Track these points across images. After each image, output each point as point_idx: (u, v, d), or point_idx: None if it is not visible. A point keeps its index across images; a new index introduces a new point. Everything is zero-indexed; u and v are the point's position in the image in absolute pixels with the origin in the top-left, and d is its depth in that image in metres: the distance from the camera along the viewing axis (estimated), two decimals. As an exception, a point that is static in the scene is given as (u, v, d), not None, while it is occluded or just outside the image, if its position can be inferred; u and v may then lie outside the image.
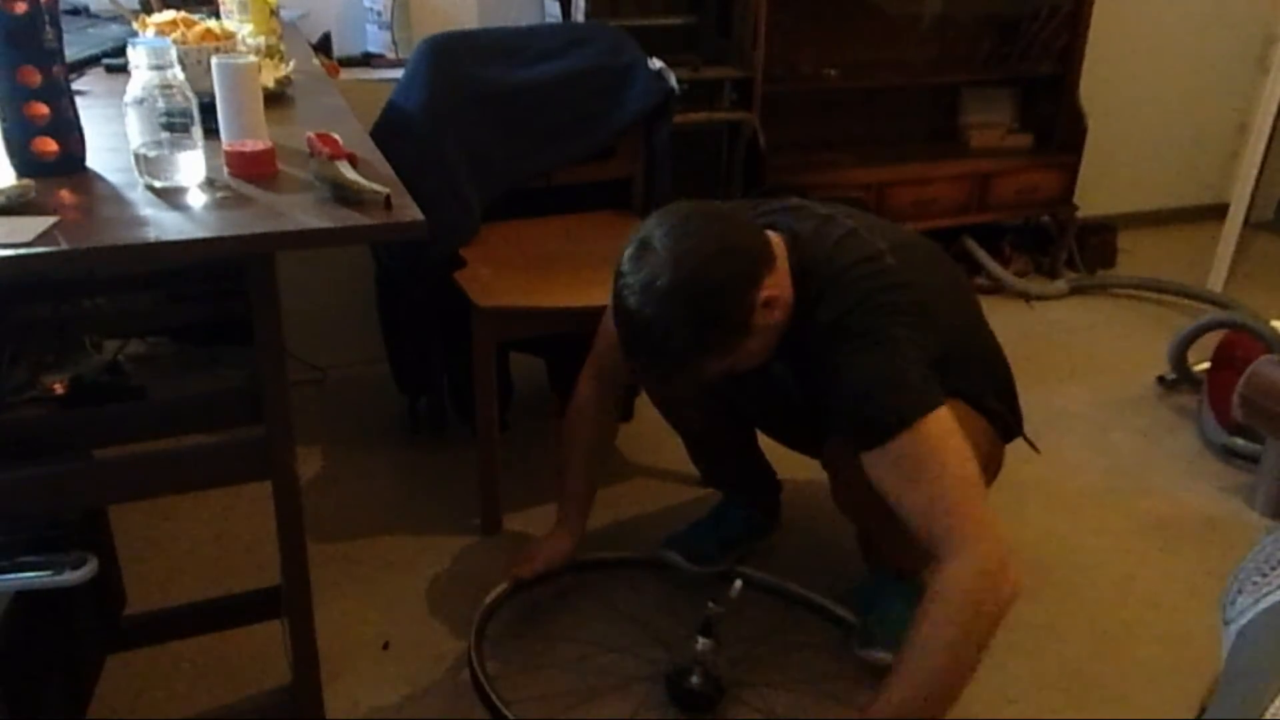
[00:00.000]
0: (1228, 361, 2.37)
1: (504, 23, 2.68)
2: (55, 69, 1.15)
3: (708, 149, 2.80)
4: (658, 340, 1.35)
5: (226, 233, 1.08)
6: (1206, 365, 2.49)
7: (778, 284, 1.40)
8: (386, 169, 1.29)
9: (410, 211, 1.15)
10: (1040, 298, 3.17)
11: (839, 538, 2.01)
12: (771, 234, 1.44)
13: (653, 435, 2.34)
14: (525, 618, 1.78)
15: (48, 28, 1.13)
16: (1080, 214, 3.32)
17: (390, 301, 2.24)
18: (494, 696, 1.53)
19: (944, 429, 1.33)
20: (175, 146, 1.17)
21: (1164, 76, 3.61)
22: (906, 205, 2.99)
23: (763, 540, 1.98)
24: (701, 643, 1.57)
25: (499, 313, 1.86)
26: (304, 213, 1.13)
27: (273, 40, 1.79)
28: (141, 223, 1.08)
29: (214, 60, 1.28)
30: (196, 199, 1.16)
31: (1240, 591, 1.07)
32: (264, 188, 1.20)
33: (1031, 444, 1.79)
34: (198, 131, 1.19)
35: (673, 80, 2.16)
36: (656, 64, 2.17)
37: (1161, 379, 2.65)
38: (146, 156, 1.17)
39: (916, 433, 1.32)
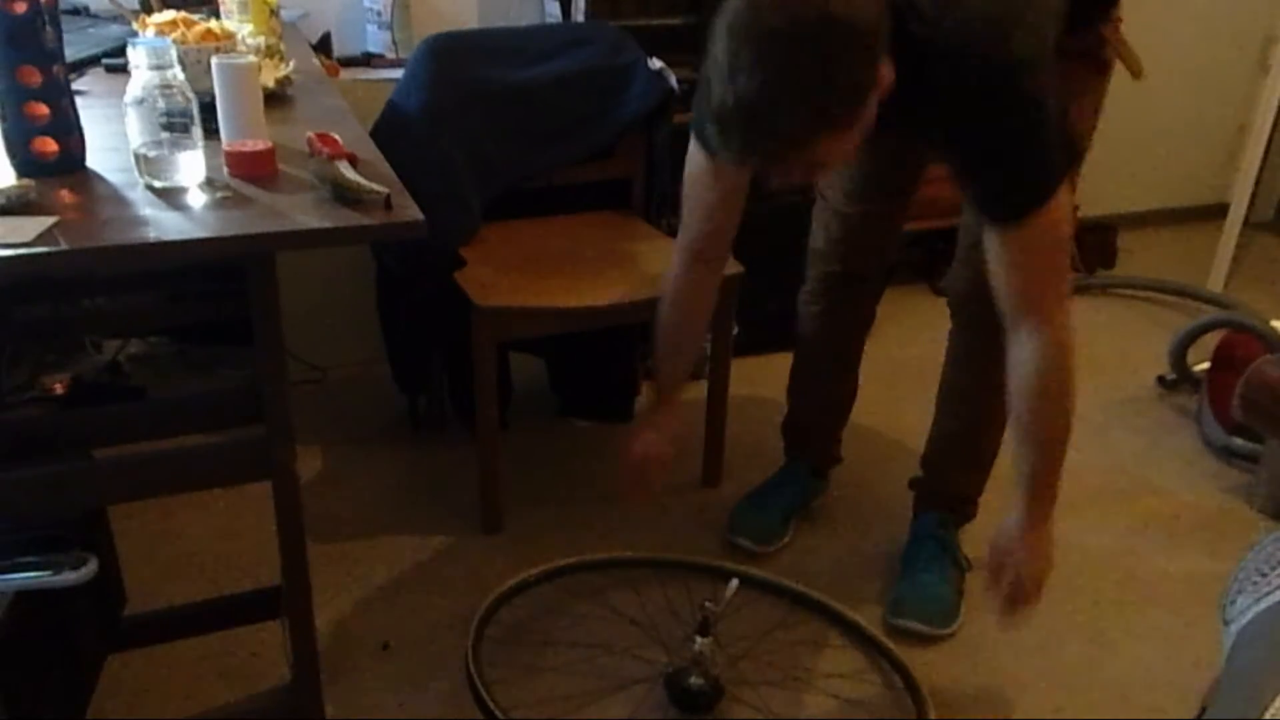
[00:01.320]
0: (1228, 361, 2.37)
1: (504, 23, 2.67)
2: (55, 69, 1.15)
3: (708, 149, 2.80)
4: (783, 104, 1.14)
5: (226, 233, 1.08)
6: (1206, 365, 2.49)
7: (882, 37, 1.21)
8: (386, 169, 1.29)
9: (410, 211, 1.15)
10: (1040, 298, 3.17)
11: (859, 539, 2.02)
12: None
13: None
14: (523, 621, 1.78)
15: (48, 28, 1.13)
16: (1080, 214, 3.31)
17: (390, 301, 2.24)
18: (491, 703, 1.53)
19: (1062, 213, 1.34)
20: (175, 146, 1.17)
21: (1164, 76, 3.60)
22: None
23: (816, 501, 2.06)
24: (700, 642, 1.57)
25: (499, 313, 1.86)
26: (304, 213, 1.13)
27: (273, 40, 1.79)
28: (141, 223, 1.08)
29: (214, 60, 1.28)
30: (196, 199, 1.16)
31: (1240, 591, 1.07)
32: (264, 188, 1.20)
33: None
34: (198, 131, 1.19)
35: (673, 80, 2.16)
36: (656, 64, 2.17)
37: (1161, 379, 2.65)
38: (146, 156, 1.17)
39: (1042, 217, 1.32)
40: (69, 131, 1.19)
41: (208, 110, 1.26)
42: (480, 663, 1.61)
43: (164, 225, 1.08)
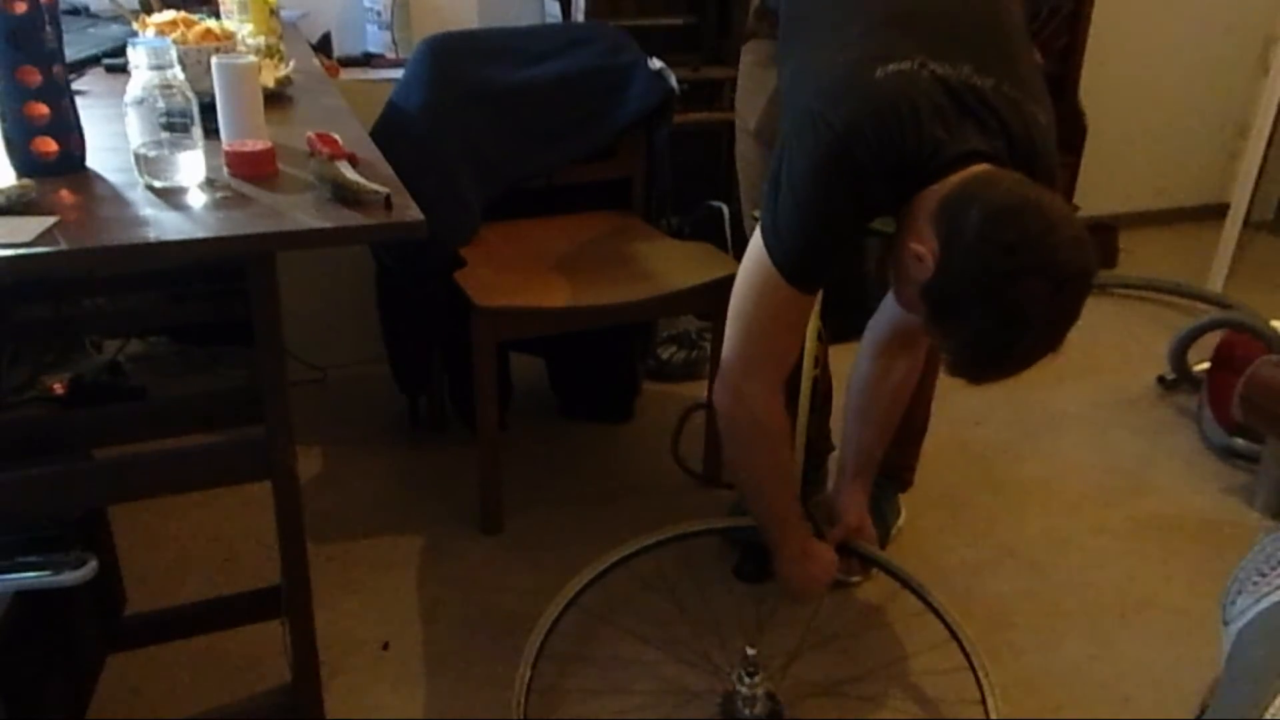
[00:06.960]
0: (1228, 361, 2.37)
1: (504, 23, 2.68)
2: (55, 69, 1.15)
3: (708, 149, 2.80)
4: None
5: (226, 233, 1.08)
6: (1206, 365, 2.49)
7: None
8: (386, 169, 1.29)
9: (410, 211, 1.15)
10: (1040, 298, 3.17)
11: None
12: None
13: (653, 436, 2.35)
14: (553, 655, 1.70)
15: (48, 28, 1.13)
16: (1080, 214, 3.31)
17: (390, 301, 2.24)
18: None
19: None
20: (175, 146, 1.17)
21: (1164, 76, 3.61)
22: (906, 205, 2.98)
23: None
24: (748, 683, 1.55)
25: (499, 313, 1.86)
26: (304, 213, 1.13)
27: (273, 40, 1.79)
28: (141, 223, 1.08)
29: (214, 60, 1.28)
30: (196, 199, 1.16)
31: (1240, 591, 1.07)
32: (264, 188, 1.20)
33: None
34: (198, 131, 1.19)
35: (673, 80, 2.16)
36: (656, 64, 2.17)
37: (1161, 379, 2.65)
38: (146, 156, 1.17)
39: None
40: (69, 131, 1.19)
41: (208, 110, 1.26)
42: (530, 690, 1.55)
43: (164, 225, 1.08)
